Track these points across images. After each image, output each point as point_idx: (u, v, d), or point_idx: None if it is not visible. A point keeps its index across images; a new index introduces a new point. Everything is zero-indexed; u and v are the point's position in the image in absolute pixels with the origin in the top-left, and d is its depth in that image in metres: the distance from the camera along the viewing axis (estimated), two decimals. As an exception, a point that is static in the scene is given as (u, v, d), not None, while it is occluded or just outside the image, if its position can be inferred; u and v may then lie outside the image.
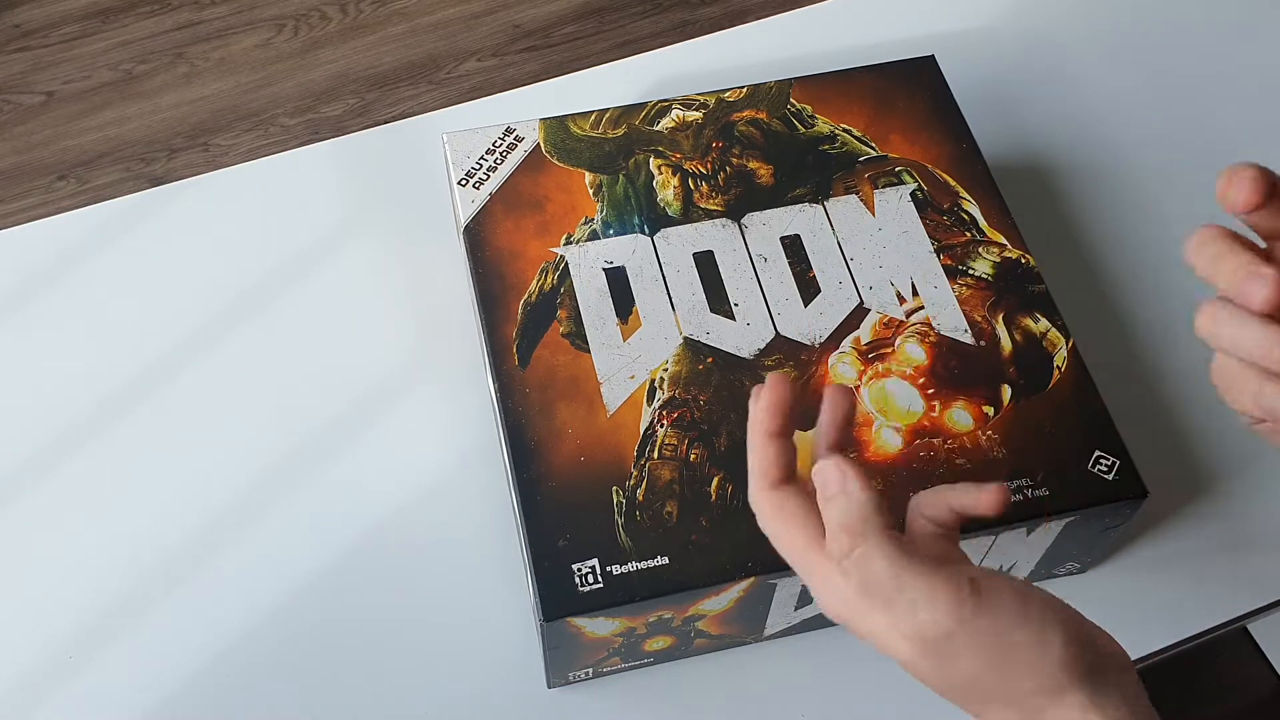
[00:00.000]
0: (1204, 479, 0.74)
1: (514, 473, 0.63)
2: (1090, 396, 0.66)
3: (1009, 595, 0.44)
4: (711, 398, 0.65)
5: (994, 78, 0.91)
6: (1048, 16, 0.95)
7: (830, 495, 0.46)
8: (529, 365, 0.67)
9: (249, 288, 0.81)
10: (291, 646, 0.68)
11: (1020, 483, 0.63)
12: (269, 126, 1.85)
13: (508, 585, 0.69)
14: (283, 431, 0.75)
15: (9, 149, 1.82)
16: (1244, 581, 0.71)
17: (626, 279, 0.70)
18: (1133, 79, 0.92)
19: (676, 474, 0.63)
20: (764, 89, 0.78)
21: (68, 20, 1.96)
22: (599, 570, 0.60)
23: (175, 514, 0.72)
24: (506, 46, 1.94)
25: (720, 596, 0.61)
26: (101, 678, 0.67)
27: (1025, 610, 0.44)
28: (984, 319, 0.68)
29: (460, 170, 0.74)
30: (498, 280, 0.70)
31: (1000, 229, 0.72)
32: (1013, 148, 0.87)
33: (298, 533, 0.71)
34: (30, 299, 0.81)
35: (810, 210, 0.72)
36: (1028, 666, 0.43)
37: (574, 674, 0.66)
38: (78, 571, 0.70)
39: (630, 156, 0.75)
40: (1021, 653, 0.43)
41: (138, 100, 1.87)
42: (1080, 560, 0.69)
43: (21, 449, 0.75)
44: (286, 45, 1.94)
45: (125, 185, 1.78)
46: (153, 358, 0.78)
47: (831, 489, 0.46)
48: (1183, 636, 0.70)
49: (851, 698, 0.67)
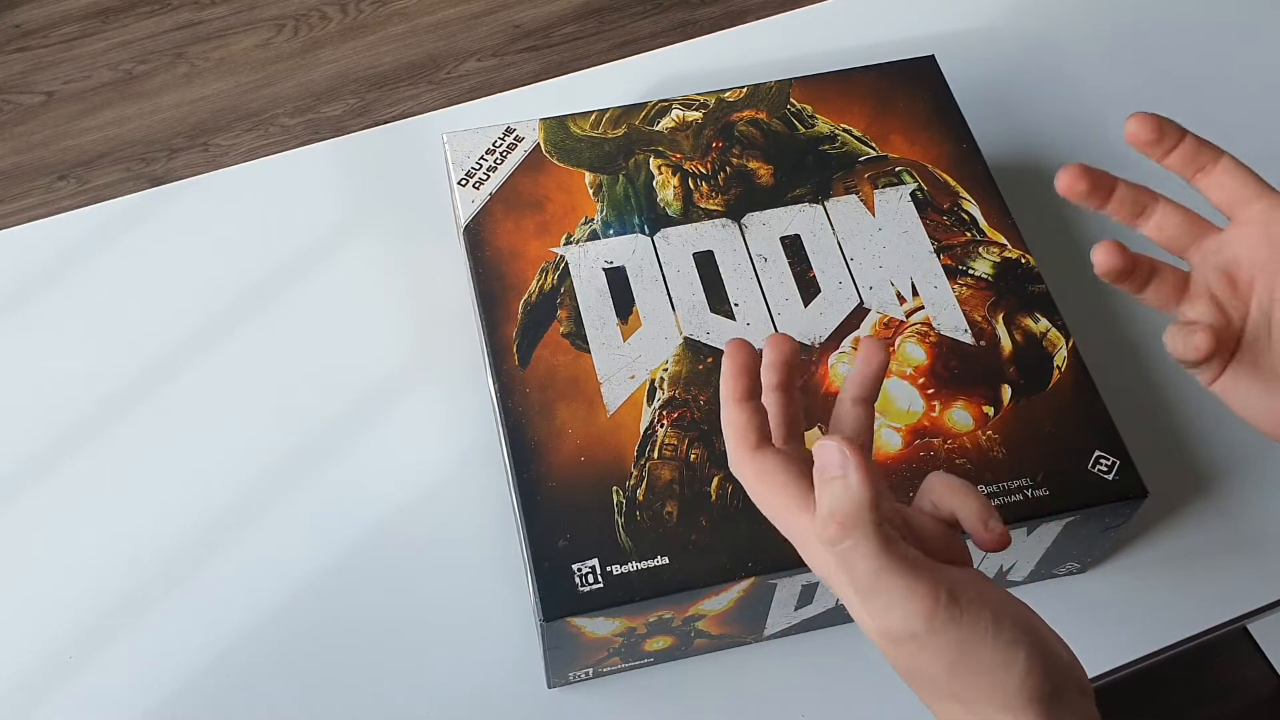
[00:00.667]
0: (1204, 479, 0.74)
1: (514, 473, 0.63)
2: (1090, 396, 0.66)
3: (985, 612, 0.44)
4: (711, 398, 0.65)
5: (994, 78, 0.91)
6: (1048, 16, 0.95)
7: (828, 479, 0.45)
8: (529, 365, 0.67)
9: (249, 288, 0.81)
10: (291, 646, 0.68)
11: (1020, 483, 0.63)
12: (269, 126, 1.85)
13: (508, 585, 0.69)
14: (283, 431, 0.75)
15: (9, 149, 1.82)
16: (1244, 581, 0.71)
17: (626, 279, 0.70)
18: (1133, 79, 0.92)
19: (676, 474, 0.63)
20: (764, 89, 0.78)
21: (68, 20, 1.96)
22: (599, 570, 0.60)
23: (175, 514, 0.72)
24: (506, 46, 1.94)
25: (720, 596, 0.61)
26: (101, 678, 0.67)
27: (997, 629, 0.43)
28: (984, 319, 0.68)
29: (460, 170, 0.74)
30: (498, 280, 0.70)
31: (1000, 229, 0.72)
32: (1013, 148, 0.87)
33: (298, 533, 0.71)
34: (30, 299, 0.81)
35: (810, 210, 0.72)
36: (987, 683, 0.43)
37: (574, 674, 0.66)
38: (78, 571, 0.70)
39: (630, 156, 0.75)
40: (983, 668, 0.43)
41: (138, 100, 1.87)
42: (1080, 560, 0.69)
43: (21, 449, 0.75)
44: (286, 45, 1.94)
45: (125, 185, 1.78)
46: (153, 358, 0.78)
47: (831, 472, 0.45)
48: (1183, 636, 0.70)
49: (851, 698, 0.67)
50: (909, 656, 0.44)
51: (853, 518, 0.44)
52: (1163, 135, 0.51)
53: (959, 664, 0.43)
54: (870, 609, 0.44)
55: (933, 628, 0.43)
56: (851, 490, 0.44)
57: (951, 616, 0.43)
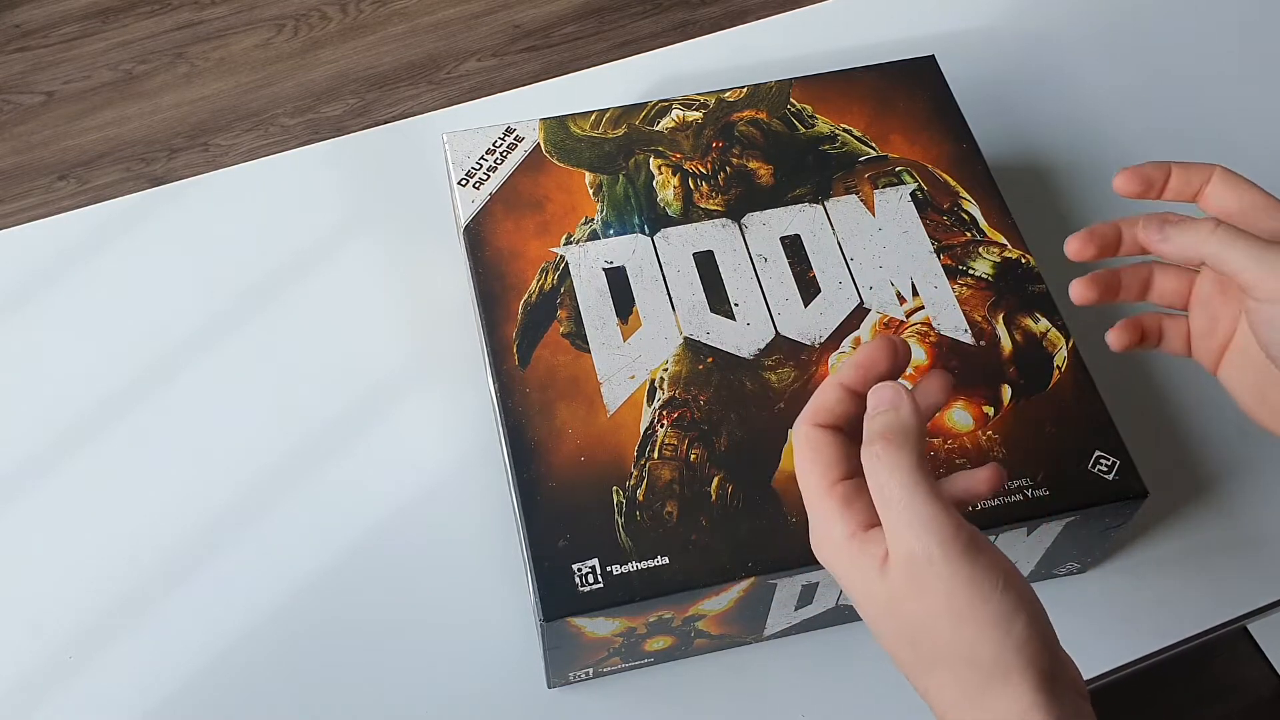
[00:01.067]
0: (1204, 479, 0.74)
1: (514, 473, 0.63)
2: (1090, 396, 0.66)
3: (997, 569, 0.44)
4: (711, 398, 0.65)
5: (994, 78, 0.91)
6: (1048, 16, 0.95)
7: (880, 411, 0.47)
8: (529, 365, 0.67)
9: (249, 288, 0.81)
10: (291, 646, 0.68)
11: (1020, 483, 0.63)
12: (269, 126, 1.85)
13: (508, 585, 0.69)
14: (282, 431, 0.75)
15: (9, 149, 1.82)
16: (1244, 581, 0.71)
17: (626, 279, 0.70)
18: (1133, 79, 0.92)
19: (676, 474, 0.63)
20: (764, 89, 0.78)
21: (68, 20, 1.96)
22: (599, 570, 0.60)
23: (175, 514, 0.72)
24: (506, 46, 1.94)
25: (720, 596, 0.61)
26: (101, 678, 0.67)
27: (1005, 587, 0.44)
28: (984, 319, 0.68)
29: (460, 170, 0.74)
30: (498, 280, 0.70)
31: (1000, 229, 0.72)
32: (1013, 148, 0.87)
33: (298, 533, 0.71)
34: (30, 299, 0.81)
35: (810, 210, 0.72)
36: (989, 634, 0.44)
37: (574, 674, 0.66)
38: (78, 571, 0.70)
39: (630, 156, 0.75)
40: (987, 618, 0.44)
41: (138, 100, 1.87)
42: (1080, 560, 0.69)
43: (21, 449, 0.75)
44: (286, 45, 1.94)
45: (125, 185, 1.78)
46: (153, 358, 0.78)
47: (883, 405, 0.47)
48: (1183, 636, 0.70)
49: (851, 698, 0.67)
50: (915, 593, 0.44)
51: (900, 436, 0.46)
52: (1150, 183, 0.54)
53: (963, 605, 0.44)
54: (890, 528, 0.45)
55: (948, 555, 0.44)
56: (902, 416, 0.46)
57: (968, 553, 0.44)
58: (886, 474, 0.45)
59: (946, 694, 0.45)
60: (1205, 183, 0.53)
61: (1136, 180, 0.54)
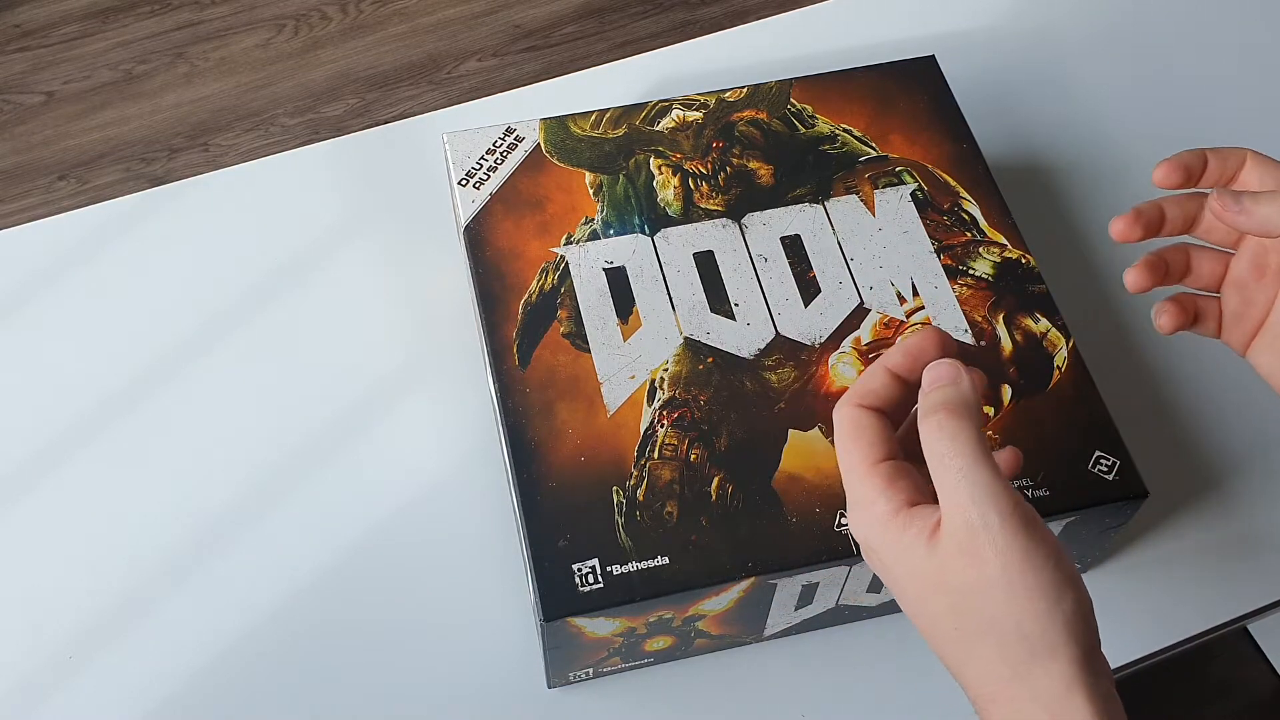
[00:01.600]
0: (1204, 479, 0.74)
1: (514, 473, 0.63)
2: (1090, 396, 0.66)
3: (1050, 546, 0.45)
4: (712, 398, 0.65)
5: (994, 78, 0.91)
6: (1048, 16, 0.95)
7: (939, 385, 0.47)
8: (529, 365, 0.67)
9: (249, 287, 0.81)
10: (291, 646, 0.68)
11: (1020, 483, 0.63)
12: (269, 126, 1.85)
13: (508, 585, 0.69)
14: (282, 431, 0.75)
15: (9, 149, 1.82)
16: (1244, 581, 0.71)
17: (627, 279, 0.70)
18: (1133, 79, 0.92)
19: (676, 474, 0.63)
20: (764, 89, 0.78)
21: (68, 20, 1.96)
22: (599, 570, 0.60)
23: (175, 513, 0.72)
24: (507, 46, 1.94)
25: (720, 596, 0.61)
26: (101, 678, 0.67)
27: (1057, 564, 0.44)
28: (984, 319, 0.68)
29: (460, 170, 0.74)
30: (498, 280, 0.70)
31: (1000, 229, 0.72)
32: (1013, 148, 0.87)
33: (297, 533, 0.71)
34: (30, 299, 0.81)
35: (810, 210, 0.72)
36: (1039, 606, 0.44)
37: (574, 674, 0.66)
38: (78, 571, 0.70)
39: (630, 156, 0.75)
40: (1039, 590, 0.44)
41: (138, 100, 1.87)
42: (1080, 560, 0.69)
43: (21, 449, 0.75)
44: (286, 45, 1.94)
45: (125, 185, 1.78)
46: (153, 357, 0.78)
47: (943, 380, 0.47)
48: (1183, 636, 0.70)
49: (851, 698, 0.67)
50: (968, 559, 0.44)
51: (962, 408, 0.46)
52: (1190, 172, 0.54)
53: (1015, 577, 0.44)
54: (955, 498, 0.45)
55: (1006, 526, 0.44)
56: (963, 390, 0.47)
57: (1027, 526, 0.44)
58: (949, 443, 0.45)
59: (989, 667, 0.45)
60: (1240, 167, 0.54)
61: (1177, 170, 0.54)
